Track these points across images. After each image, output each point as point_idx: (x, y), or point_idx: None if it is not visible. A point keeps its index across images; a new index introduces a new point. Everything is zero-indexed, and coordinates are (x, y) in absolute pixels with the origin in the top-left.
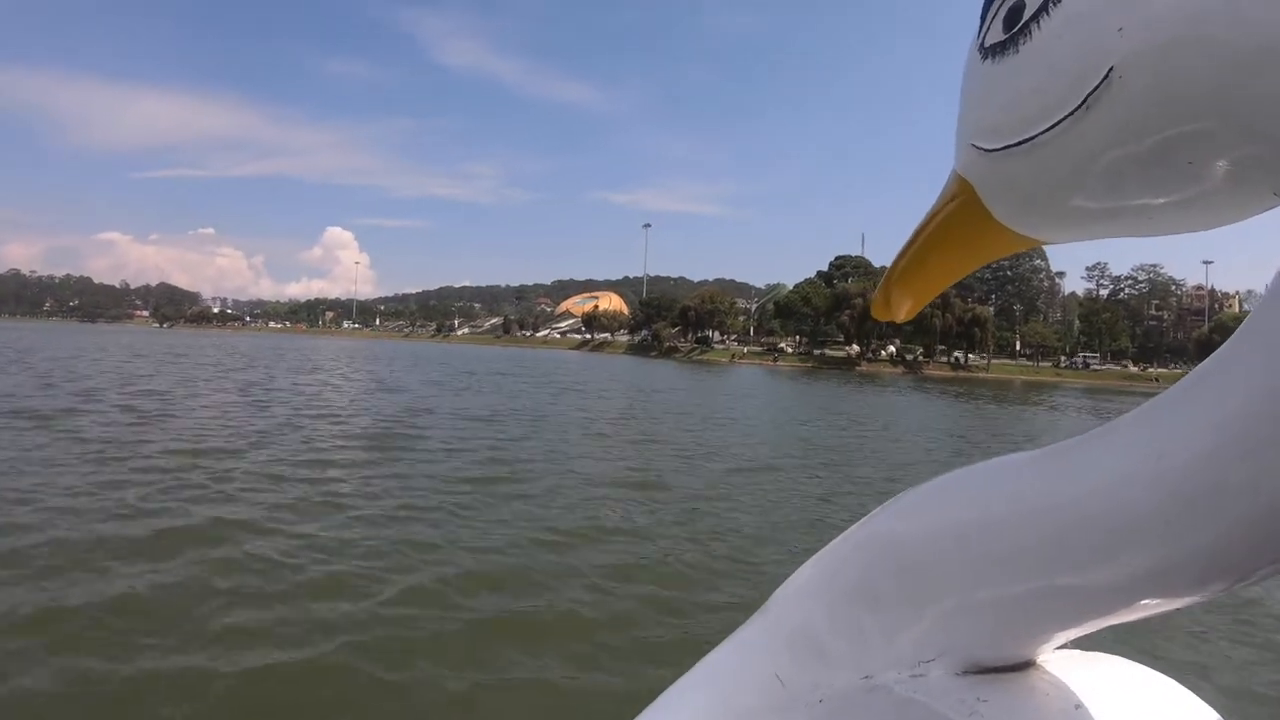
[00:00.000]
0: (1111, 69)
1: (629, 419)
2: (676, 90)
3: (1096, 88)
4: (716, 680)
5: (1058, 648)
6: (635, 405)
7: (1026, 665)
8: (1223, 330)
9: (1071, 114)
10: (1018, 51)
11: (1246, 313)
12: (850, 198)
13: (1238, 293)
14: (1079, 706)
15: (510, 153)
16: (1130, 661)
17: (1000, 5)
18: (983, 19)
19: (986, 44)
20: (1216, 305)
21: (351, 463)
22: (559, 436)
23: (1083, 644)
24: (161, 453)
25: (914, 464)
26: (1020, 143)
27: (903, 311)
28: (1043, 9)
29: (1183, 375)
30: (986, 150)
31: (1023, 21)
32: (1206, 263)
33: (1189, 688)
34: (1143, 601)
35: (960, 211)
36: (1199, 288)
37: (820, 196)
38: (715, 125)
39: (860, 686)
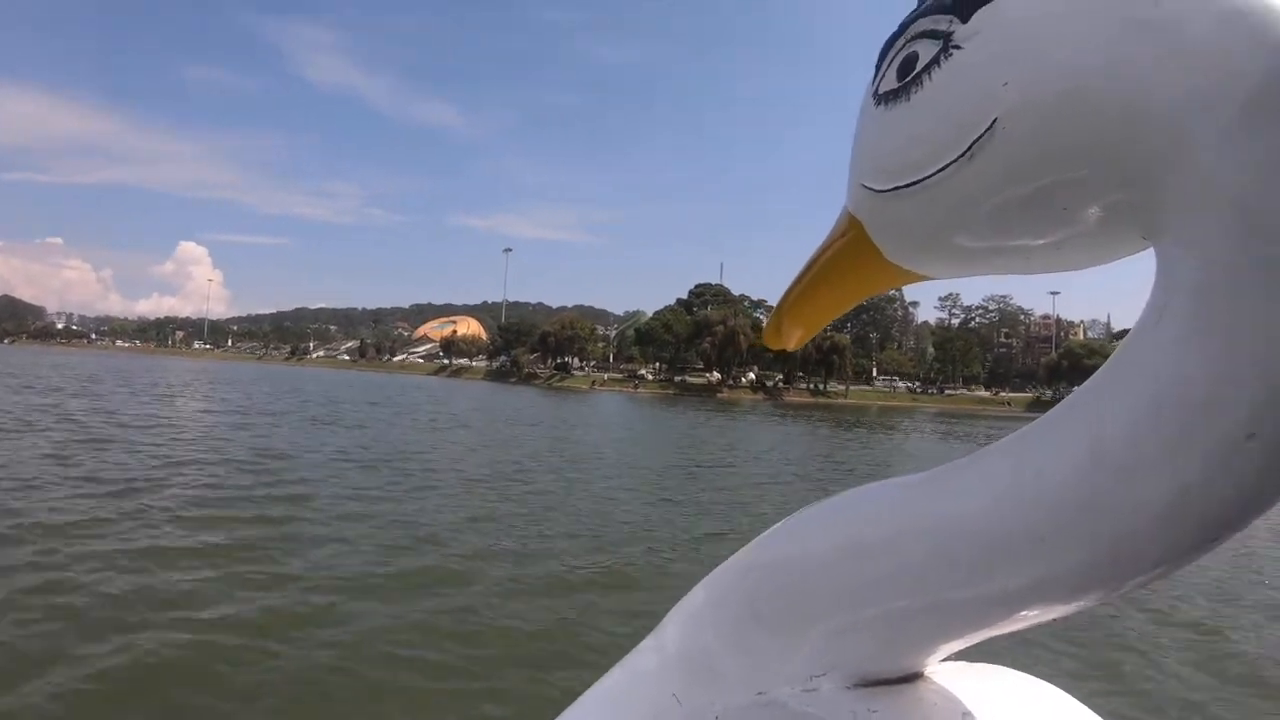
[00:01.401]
0: (996, 120)
1: (526, 471)
2: (541, 117)
3: (980, 136)
4: (612, 703)
5: (945, 659)
6: (530, 449)
7: (916, 677)
8: (1070, 356)
9: (956, 160)
10: (909, 100)
11: (1090, 341)
12: (709, 228)
13: (1082, 321)
14: (966, 715)
15: (373, 172)
16: (1016, 671)
17: (895, 55)
18: (878, 67)
19: (880, 91)
20: (1063, 333)
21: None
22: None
23: (970, 655)
24: None
25: (774, 486)
26: (908, 185)
27: (793, 340)
28: (935, 61)
29: (1032, 398)
30: (876, 190)
31: (915, 71)
32: (1053, 293)
33: (1073, 695)
34: (1023, 613)
35: (849, 247)
36: (1046, 317)
37: (679, 226)
38: (578, 154)
39: (755, 702)
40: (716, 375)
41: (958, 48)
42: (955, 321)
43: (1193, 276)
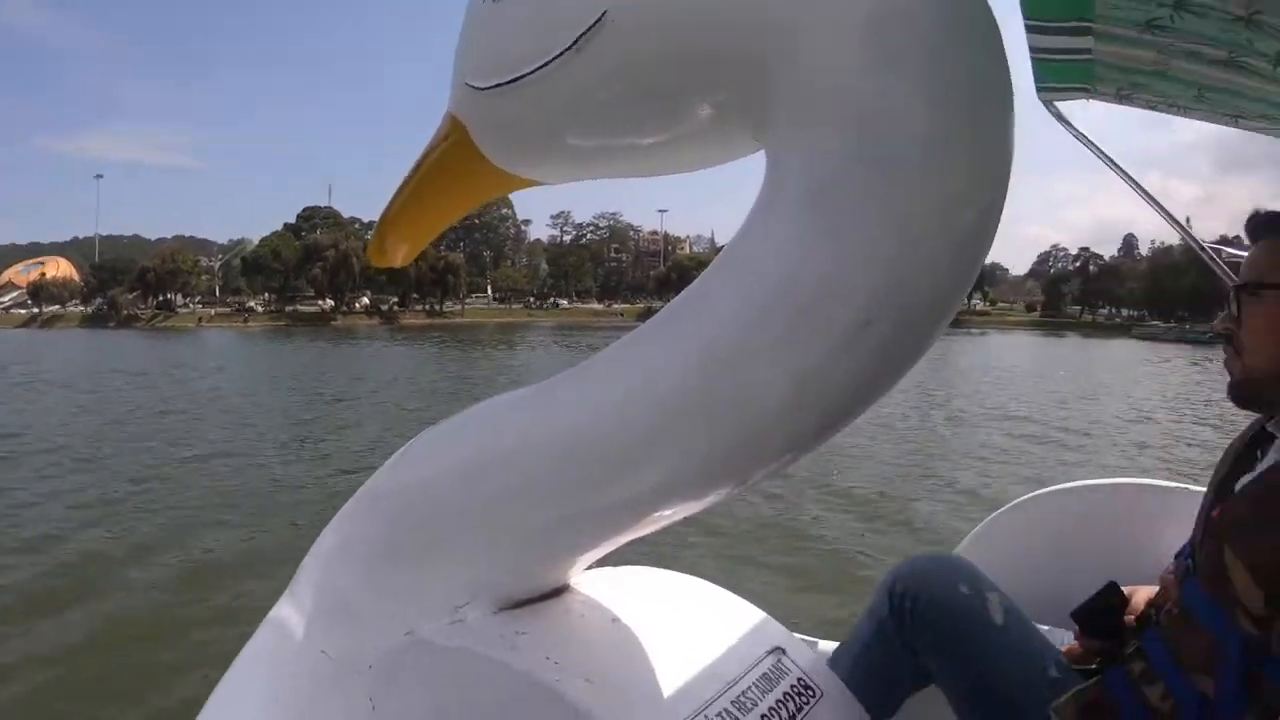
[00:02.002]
0: (605, 12)
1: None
2: (138, 26)
3: (590, 29)
4: (263, 673)
5: (590, 568)
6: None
7: (562, 590)
8: (679, 269)
9: (564, 54)
10: None
11: (697, 254)
12: (317, 147)
13: (688, 237)
14: (616, 620)
15: None
16: (660, 570)
17: None
18: None
19: None
20: (671, 248)
21: None
22: None
23: (613, 560)
24: None
25: (412, 413)
26: (513, 80)
27: (399, 255)
28: None
29: (643, 309)
30: (479, 89)
31: None
32: (662, 211)
33: (718, 584)
34: (656, 513)
35: (453, 152)
36: (655, 233)
37: (287, 145)
38: (178, 69)
39: (403, 644)
40: (330, 303)
41: None
42: (567, 238)
43: (805, 174)
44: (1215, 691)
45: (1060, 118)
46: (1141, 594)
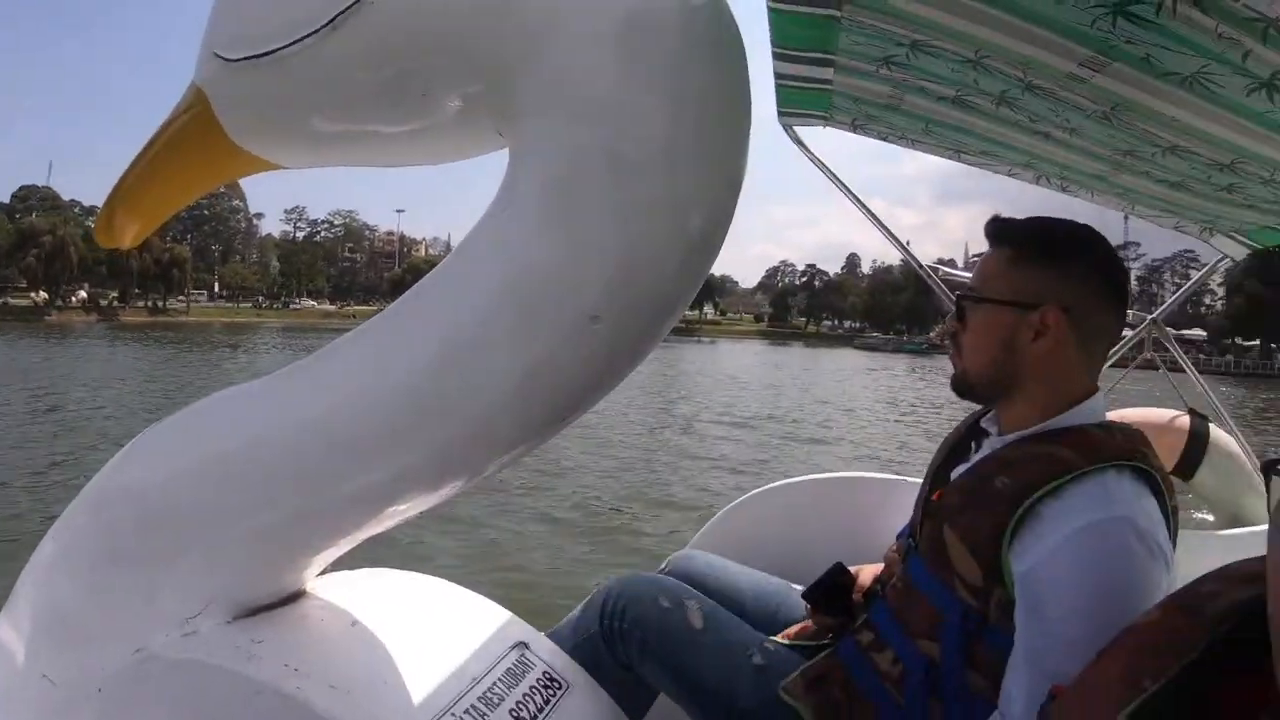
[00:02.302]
0: None
1: None
2: None
3: (347, 8)
4: None
5: (327, 571)
6: None
7: (299, 596)
8: (415, 271)
9: (320, 30)
10: None
11: (433, 256)
12: (34, 118)
13: (424, 239)
14: (356, 624)
15: None
16: (398, 571)
17: None
18: None
19: None
20: (407, 249)
21: None
22: None
23: (351, 563)
24: None
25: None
26: (264, 54)
27: (128, 235)
28: None
29: (376, 310)
30: (228, 60)
31: None
32: (399, 211)
33: (456, 582)
34: (392, 508)
35: (193, 125)
36: (391, 233)
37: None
38: None
39: (134, 662)
40: (44, 295)
41: None
42: (301, 235)
43: (542, 170)
44: (940, 656)
45: (798, 142)
46: (867, 572)
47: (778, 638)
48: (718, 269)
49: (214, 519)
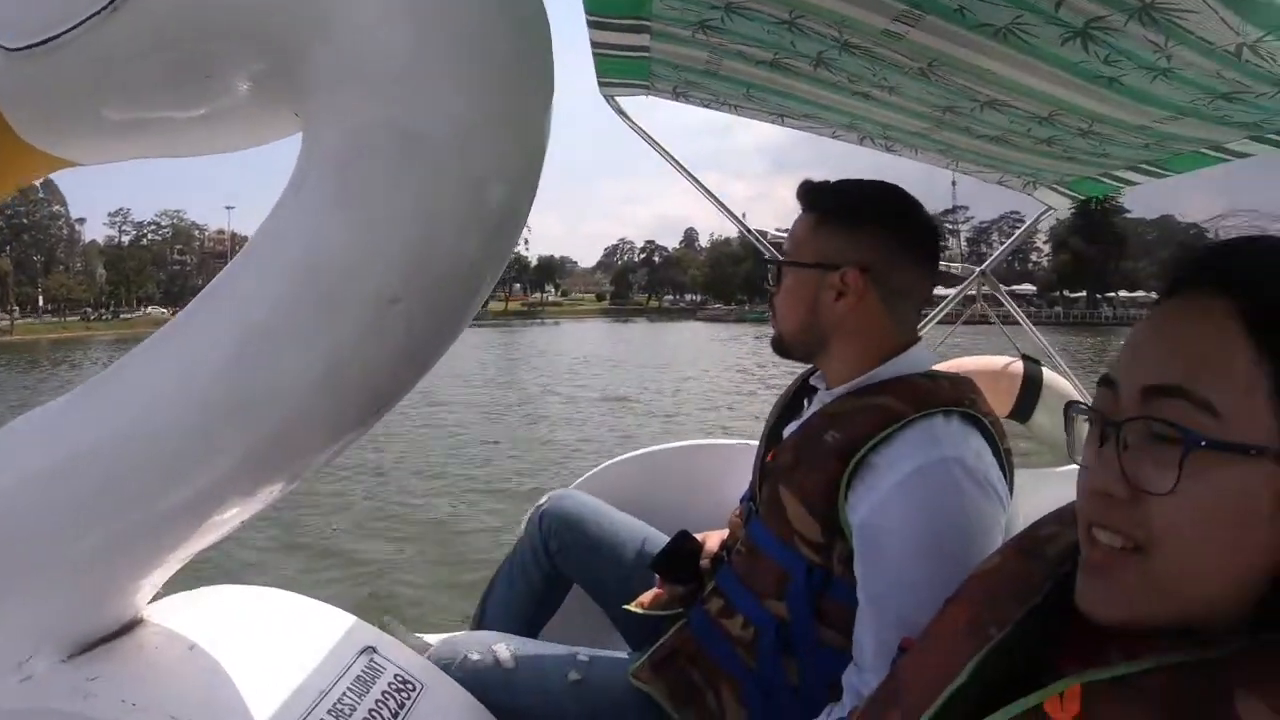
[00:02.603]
0: None
1: None
2: None
3: None
4: None
5: (162, 596)
6: None
7: (135, 624)
8: None
9: (99, 13)
10: None
11: None
12: None
13: None
14: (194, 648)
15: None
16: (238, 586)
17: None
18: None
19: None
20: (238, 247)
21: None
22: None
23: (188, 584)
24: None
25: None
26: (45, 41)
27: None
28: None
29: None
30: (9, 50)
31: None
32: (229, 207)
33: (296, 590)
34: (214, 518)
35: None
36: (221, 231)
37: None
38: None
39: None
40: None
41: None
42: (127, 239)
43: (334, 148)
44: (789, 615)
45: (620, 113)
46: (714, 538)
47: (632, 606)
48: (555, 250)
49: (30, 553)
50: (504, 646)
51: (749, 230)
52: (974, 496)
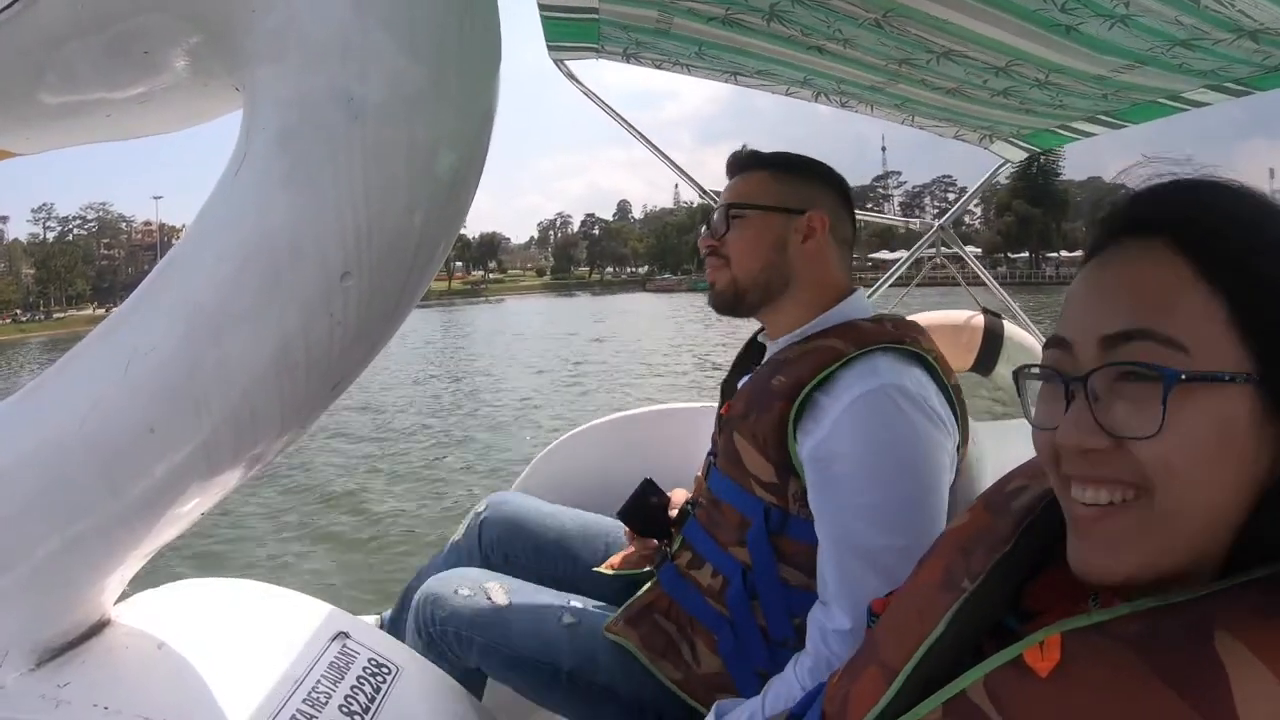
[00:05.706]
0: None
1: None
2: None
3: None
4: None
5: (128, 596)
6: None
7: (104, 625)
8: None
9: None
10: None
11: None
12: None
13: (184, 225)
14: (163, 646)
15: None
16: (206, 580)
17: None
18: None
19: None
20: (167, 239)
21: None
22: None
23: (157, 580)
24: None
25: None
26: None
27: None
28: None
29: None
30: None
31: None
32: (157, 198)
33: (269, 581)
34: (174, 510)
35: None
36: (148, 223)
37: None
38: None
39: None
40: None
41: None
42: (52, 235)
43: (276, 120)
44: (751, 558)
45: (570, 76)
46: (679, 494)
47: (602, 568)
48: (490, 227)
49: None
50: (496, 585)
51: (702, 188)
52: (916, 418)
